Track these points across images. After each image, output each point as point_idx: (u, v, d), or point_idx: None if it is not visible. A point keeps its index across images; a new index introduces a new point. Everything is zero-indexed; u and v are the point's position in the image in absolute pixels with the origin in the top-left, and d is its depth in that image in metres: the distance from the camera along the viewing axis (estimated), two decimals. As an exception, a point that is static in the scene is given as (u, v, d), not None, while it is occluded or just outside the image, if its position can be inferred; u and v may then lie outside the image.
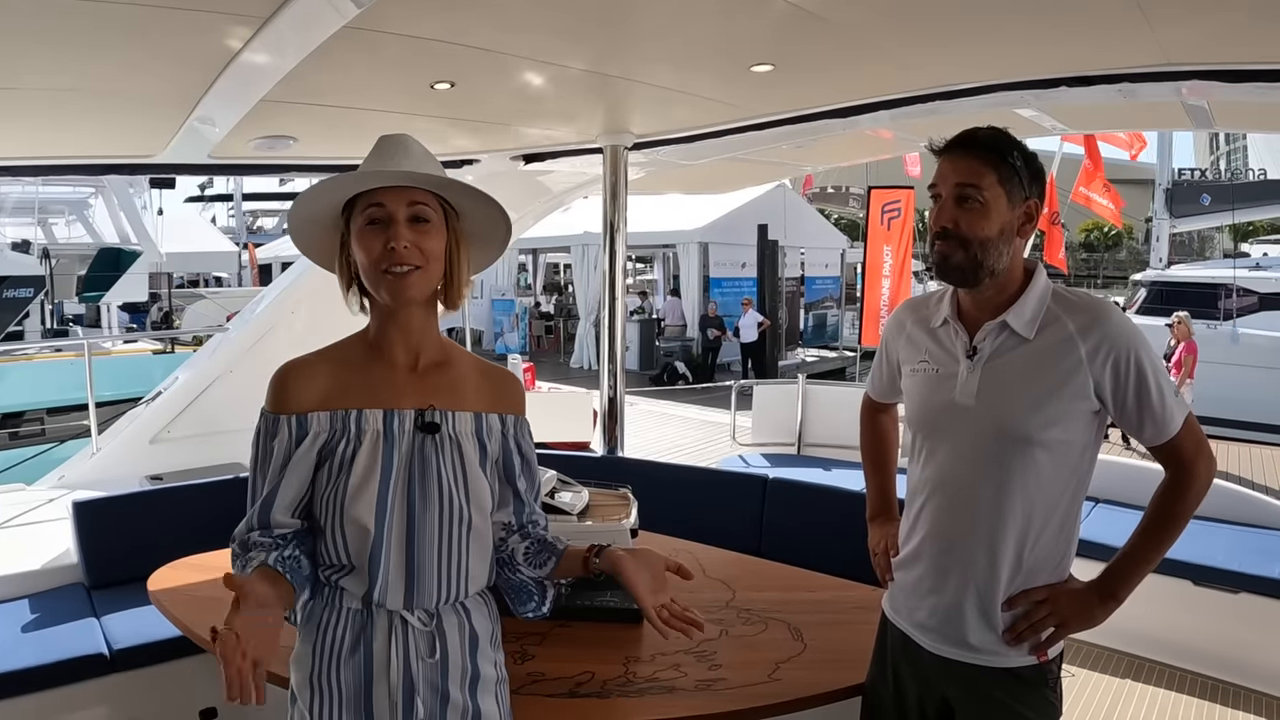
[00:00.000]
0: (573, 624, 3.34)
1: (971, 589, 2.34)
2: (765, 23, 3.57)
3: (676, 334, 26.23)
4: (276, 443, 2.01)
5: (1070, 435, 2.27)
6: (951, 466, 2.40)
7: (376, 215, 1.98)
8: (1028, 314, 2.30)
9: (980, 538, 2.32)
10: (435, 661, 2.04)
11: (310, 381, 2.03)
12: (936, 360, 2.46)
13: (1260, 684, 5.27)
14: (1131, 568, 2.35)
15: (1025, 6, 3.46)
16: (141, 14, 3.04)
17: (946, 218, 2.28)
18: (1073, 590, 2.35)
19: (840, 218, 45.86)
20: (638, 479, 4.22)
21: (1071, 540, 2.37)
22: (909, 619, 2.52)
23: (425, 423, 2.04)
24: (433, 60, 3.89)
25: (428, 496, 2.01)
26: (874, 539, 2.87)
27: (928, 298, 2.59)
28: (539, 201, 7.76)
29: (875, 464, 3.06)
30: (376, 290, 2.00)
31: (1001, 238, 2.26)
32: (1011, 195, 2.26)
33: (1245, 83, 4.11)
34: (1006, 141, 2.28)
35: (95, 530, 4.99)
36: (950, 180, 2.28)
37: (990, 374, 2.32)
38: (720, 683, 2.90)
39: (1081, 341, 2.23)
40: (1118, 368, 2.21)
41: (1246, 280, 20.05)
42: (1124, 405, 2.24)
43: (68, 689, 4.11)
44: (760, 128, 5.55)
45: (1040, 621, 2.30)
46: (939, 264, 2.33)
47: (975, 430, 2.33)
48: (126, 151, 5.44)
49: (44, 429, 14.54)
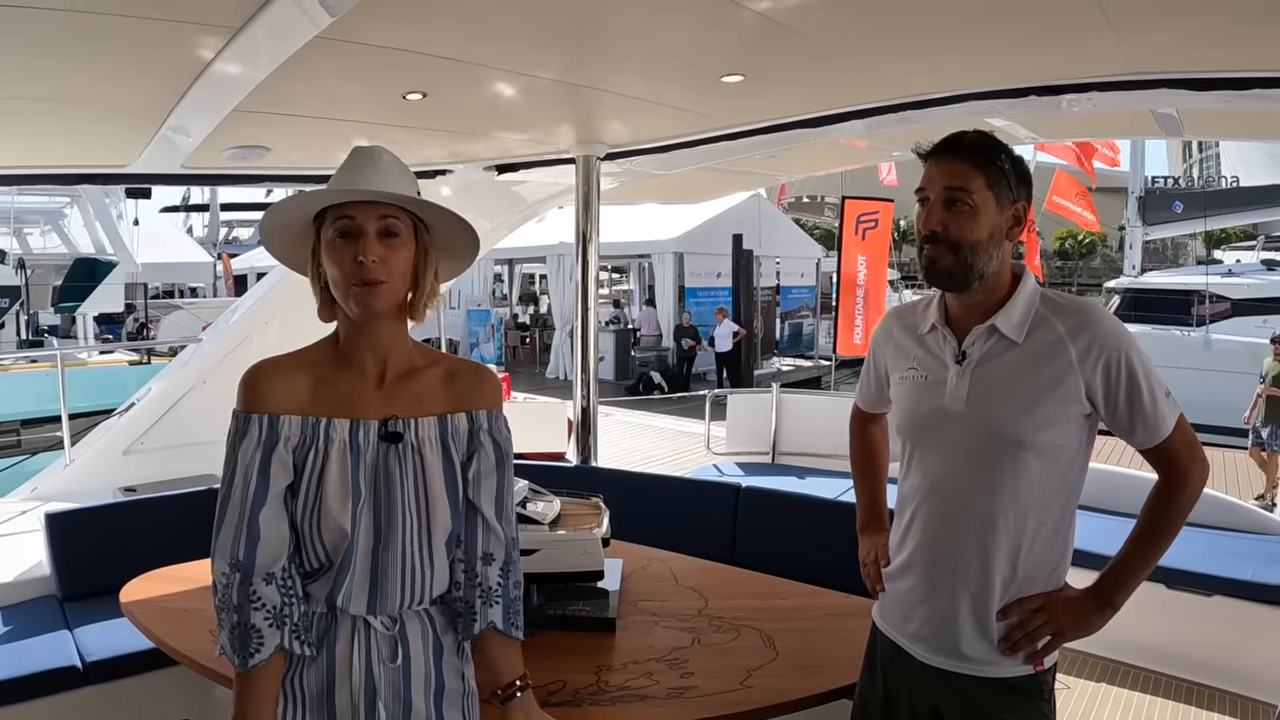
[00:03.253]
0: (545, 633, 3.34)
1: (964, 598, 2.32)
2: (734, 33, 3.58)
3: (652, 344, 26.23)
4: (247, 443, 1.98)
5: (1062, 439, 2.25)
6: (942, 473, 2.38)
7: (346, 228, 1.99)
8: (1016, 317, 2.29)
9: (972, 545, 2.30)
10: (397, 667, 2.04)
11: (281, 384, 2.02)
12: (925, 367, 2.44)
13: (1235, 686, 5.30)
14: (1127, 573, 2.33)
15: (994, 17, 3.48)
16: (113, 24, 3.04)
17: (936, 221, 2.27)
18: (1069, 597, 2.32)
19: (816, 227, 45.97)
20: (611, 488, 4.22)
21: (1066, 547, 2.35)
22: (900, 629, 2.49)
23: (388, 432, 2.04)
24: (405, 71, 3.89)
25: (393, 505, 2.02)
26: (864, 550, 2.81)
27: (914, 304, 2.57)
28: (513, 212, 7.75)
29: (865, 474, 3.00)
30: (345, 302, 2.01)
31: (991, 241, 2.25)
32: (1000, 198, 2.25)
33: (1212, 91, 4.15)
34: (994, 144, 2.28)
35: (68, 542, 4.96)
36: (939, 183, 2.27)
37: (980, 378, 2.31)
38: (692, 690, 2.91)
39: (1071, 344, 2.21)
40: (1109, 369, 2.20)
41: (1219, 286, 20.22)
42: (1115, 407, 2.23)
43: (40, 702, 4.08)
44: (732, 137, 5.57)
45: (1036, 630, 2.28)
46: (928, 268, 2.31)
47: (966, 436, 2.31)
48: (99, 161, 5.43)
49: (19, 440, 14.43)
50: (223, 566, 1.97)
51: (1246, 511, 6.45)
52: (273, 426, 1.99)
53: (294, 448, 2.00)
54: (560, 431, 9.14)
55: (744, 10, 3.27)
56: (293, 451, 2.00)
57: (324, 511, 1.98)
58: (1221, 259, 28.16)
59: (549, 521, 3.62)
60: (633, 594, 3.76)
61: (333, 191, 2.01)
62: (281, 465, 1.98)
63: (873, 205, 14.86)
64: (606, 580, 3.66)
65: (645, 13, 3.41)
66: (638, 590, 3.81)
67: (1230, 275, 21.33)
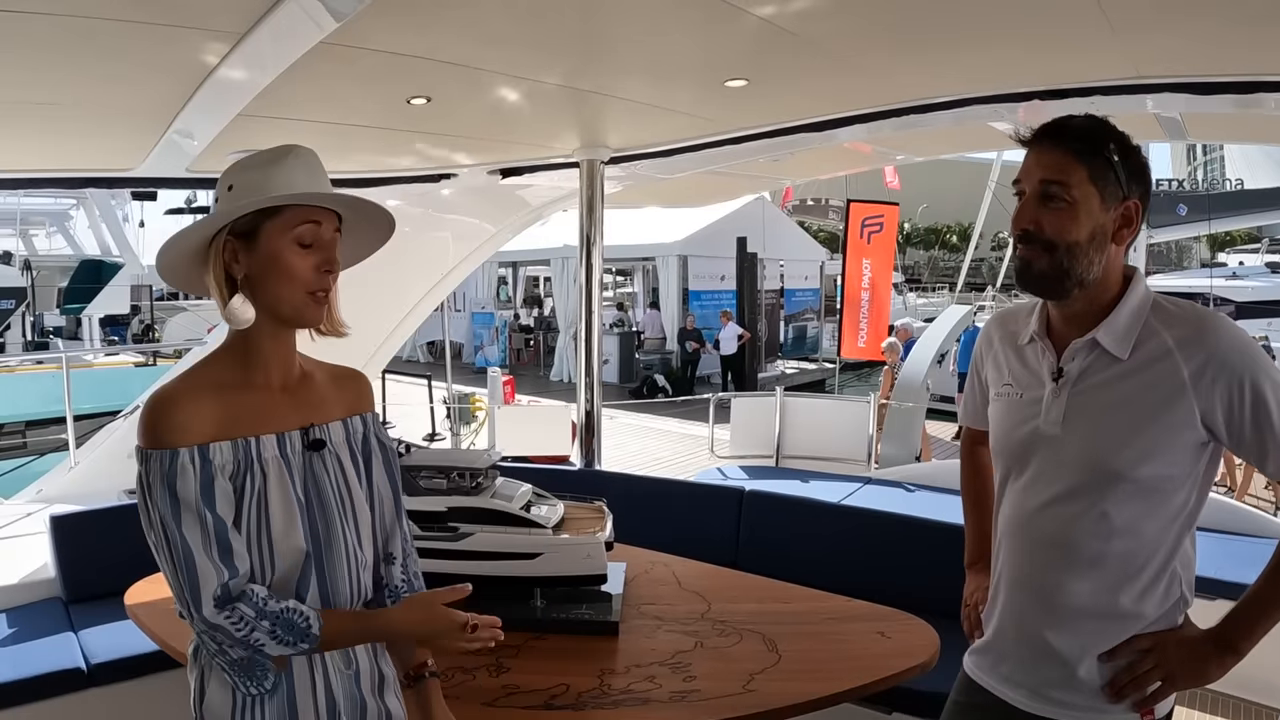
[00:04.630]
0: (548, 636, 3.37)
1: (1057, 638, 2.09)
2: (738, 38, 3.59)
3: (656, 347, 26.24)
4: (184, 482, 1.81)
5: (1171, 470, 1.98)
6: (1033, 503, 2.14)
7: (312, 237, 1.94)
8: (1121, 329, 2.03)
9: (1066, 583, 2.08)
10: (351, 672, 2.04)
11: (197, 410, 1.87)
12: (1021, 383, 2.21)
13: (1238, 690, 5.29)
14: (1259, 615, 2.02)
15: (997, 22, 3.49)
16: (119, 29, 3.05)
17: (1028, 218, 2.03)
18: (1184, 638, 2.05)
19: (820, 230, 45.97)
20: (615, 492, 4.24)
21: (1178, 585, 2.07)
22: (992, 673, 2.25)
23: (312, 440, 2.01)
24: (409, 75, 3.91)
25: (328, 513, 2.00)
26: (968, 590, 2.57)
27: (1018, 310, 2.33)
28: (517, 215, 7.77)
29: (975, 502, 2.69)
30: (295, 311, 1.95)
31: (1092, 243, 1.99)
32: (1106, 194, 1.98)
33: (1215, 95, 4.15)
34: (1103, 131, 2.01)
35: (73, 544, 4.98)
36: (1035, 176, 2.02)
37: (1078, 399, 2.06)
38: (695, 694, 2.91)
39: (1185, 361, 1.95)
40: (1230, 391, 1.92)
41: (1223, 289, 20.27)
42: (1241, 435, 1.94)
43: (44, 704, 4.10)
44: (736, 141, 5.58)
45: (1145, 675, 2.02)
46: (1020, 271, 2.08)
47: (1060, 463, 2.08)
48: (105, 165, 5.45)
49: (24, 442, 14.46)
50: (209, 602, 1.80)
51: (1250, 515, 6.45)
52: (205, 457, 1.84)
53: (231, 475, 1.87)
54: (564, 435, 9.18)
55: (747, 15, 3.28)
56: (230, 479, 1.87)
57: (273, 533, 1.90)
58: (1226, 262, 28.16)
59: (552, 525, 3.64)
60: (636, 598, 3.76)
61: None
62: (225, 498, 1.85)
63: (877, 209, 14.87)
64: (610, 584, 3.67)
65: (649, 18, 3.41)
66: (641, 594, 3.81)
67: (1234, 278, 21.36)
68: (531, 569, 3.54)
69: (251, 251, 1.93)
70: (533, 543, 3.55)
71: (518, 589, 3.56)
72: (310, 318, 1.96)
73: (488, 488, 3.71)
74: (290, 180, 1.93)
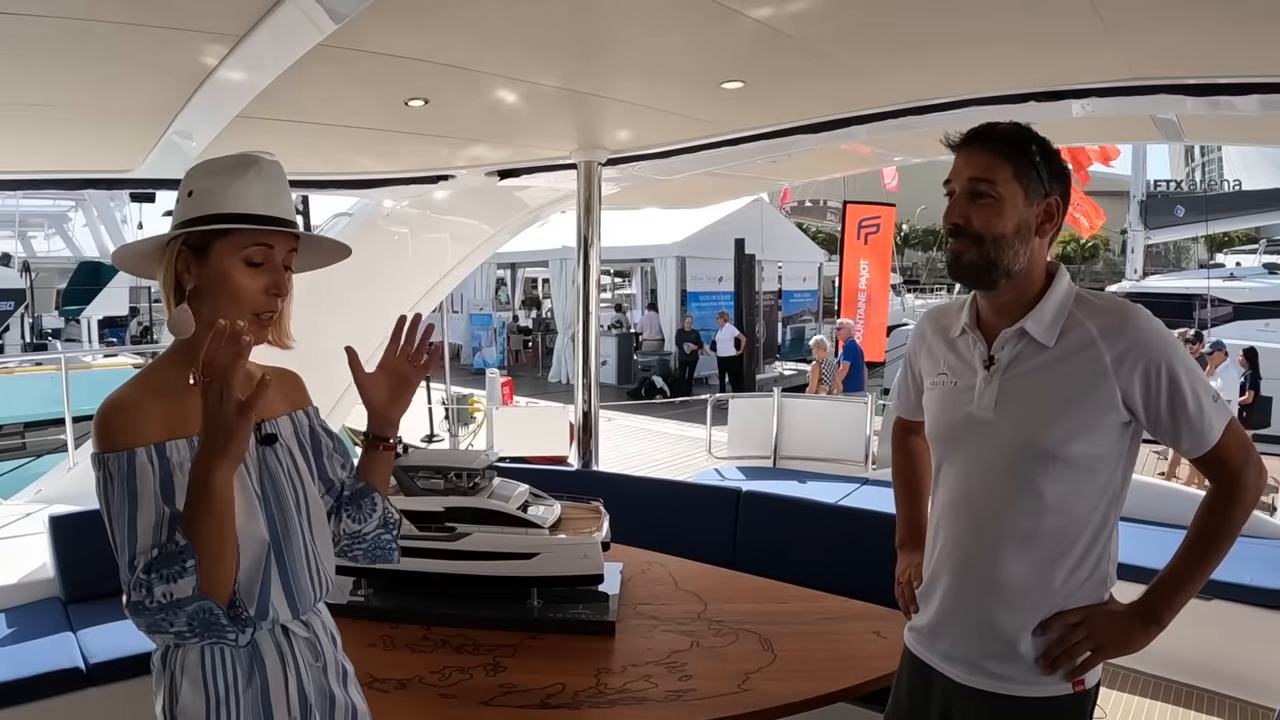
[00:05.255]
0: (544, 636, 3.38)
1: (994, 614, 2.21)
2: (734, 40, 3.60)
3: (654, 348, 26.26)
4: (142, 481, 1.81)
5: (1097, 449, 2.12)
6: (969, 485, 2.28)
7: (261, 258, 1.96)
8: (1047, 319, 2.18)
9: (1002, 561, 2.19)
10: (319, 665, 2.07)
11: (148, 414, 1.86)
12: (954, 372, 2.34)
13: (1234, 690, 5.32)
14: (1176, 588, 2.17)
15: (992, 23, 3.50)
16: (117, 31, 3.07)
17: (958, 214, 2.18)
18: (1111, 612, 2.19)
19: (819, 231, 45.95)
20: (612, 493, 4.25)
21: (1107, 561, 2.21)
22: (931, 649, 2.38)
23: (265, 435, 2.04)
24: (407, 77, 3.92)
25: (284, 505, 2.02)
26: (900, 568, 2.72)
27: (949, 306, 2.48)
28: (515, 216, 7.79)
29: (906, 488, 2.86)
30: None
31: (1018, 235, 2.14)
32: (1029, 190, 2.14)
33: (1211, 96, 4.16)
34: (1025, 135, 2.17)
35: (72, 544, 4.99)
36: (964, 175, 2.19)
37: (1009, 385, 2.20)
38: (690, 693, 2.93)
39: (1107, 348, 2.10)
40: (1148, 375, 2.07)
41: (1221, 290, 20.28)
42: (1157, 415, 2.10)
43: (43, 703, 4.11)
44: (733, 143, 5.59)
45: (1075, 646, 2.15)
46: (951, 263, 2.22)
47: (994, 445, 2.21)
48: (104, 166, 5.46)
49: (24, 443, 14.45)
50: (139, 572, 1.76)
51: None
52: (163, 455, 1.84)
53: (188, 471, 1.81)
54: (562, 436, 9.19)
55: (743, 18, 3.29)
56: (188, 475, 1.81)
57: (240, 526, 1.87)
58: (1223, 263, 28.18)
59: (549, 525, 3.65)
60: (632, 598, 3.78)
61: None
62: (184, 492, 1.81)
63: (875, 210, 14.92)
64: (606, 584, 3.69)
65: (645, 20, 3.43)
66: (637, 594, 3.83)
67: (1232, 279, 21.38)
68: (528, 569, 3.55)
69: (202, 265, 1.94)
70: (529, 543, 3.56)
71: (515, 589, 3.57)
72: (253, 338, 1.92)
73: (485, 488, 3.72)
74: (247, 198, 1.94)
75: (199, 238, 1.92)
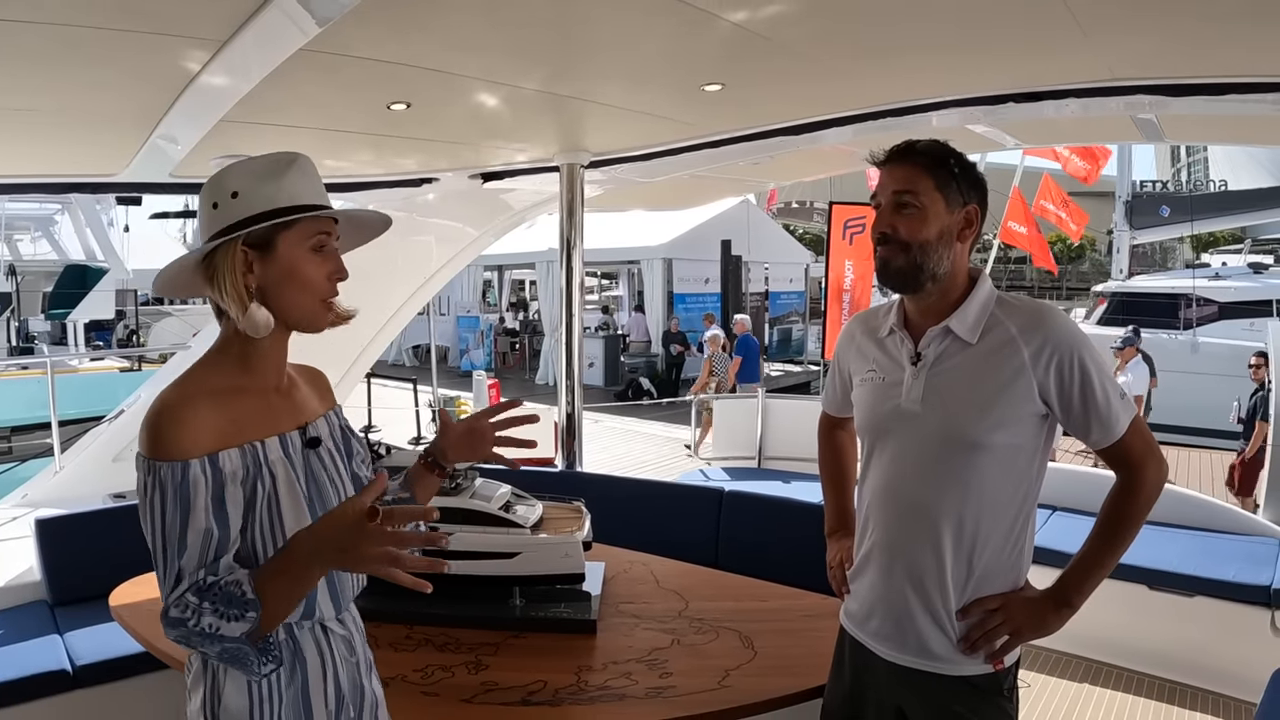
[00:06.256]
0: (526, 635, 3.41)
1: (921, 596, 2.35)
2: (712, 43, 3.62)
3: (641, 350, 26.27)
4: (195, 494, 1.79)
5: (1017, 439, 2.28)
6: (898, 473, 2.42)
7: (326, 242, 2.00)
8: (970, 319, 2.33)
9: (927, 544, 2.33)
10: (354, 660, 2.11)
11: (201, 419, 1.85)
12: (883, 369, 2.48)
13: (1216, 685, 5.38)
14: (1086, 574, 2.36)
15: (968, 25, 3.52)
16: (100, 36, 3.07)
17: (885, 223, 2.35)
18: (1027, 598, 2.35)
19: (805, 233, 45.99)
20: (595, 493, 4.28)
21: (1024, 547, 2.38)
22: (862, 628, 2.53)
23: (310, 439, 2.06)
24: (389, 81, 3.93)
25: (328, 506, 2.02)
26: (831, 553, 2.86)
27: (876, 310, 2.63)
28: (500, 219, 7.80)
29: (833, 480, 3.05)
30: (307, 317, 2.01)
31: (941, 241, 2.31)
32: (949, 200, 2.31)
33: (1188, 96, 4.20)
34: (943, 150, 2.34)
35: (58, 547, 5.01)
36: (889, 188, 2.35)
37: (934, 379, 2.35)
38: (670, 690, 2.96)
39: (1024, 344, 2.25)
40: (1061, 370, 2.23)
41: (1206, 290, 20.34)
42: (1069, 407, 2.25)
43: (30, 705, 4.13)
44: (715, 145, 5.61)
45: (993, 630, 2.31)
46: (880, 269, 2.38)
47: (921, 436, 2.35)
48: (89, 170, 5.45)
49: (10, 447, 14.44)
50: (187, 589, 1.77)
51: (1227, 512, 6.52)
52: (215, 466, 1.84)
53: (241, 481, 1.88)
54: (548, 437, 9.19)
55: (720, 21, 3.31)
56: (240, 485, 1.88)
57: (286, 534, 1.91)
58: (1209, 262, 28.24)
59: (531, 525, 3.68)
60: (614, 596, 3.81)
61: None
62: (235, 505, 1.86)
63: (860, 210, 14.87)
64: (588, 583, 3.72)
65: (624, 24, 3.45)
66: (619, 592, 3.86)
67: (1217, 279, 21.44)
68: (510, 568, 3.58)
69: (267, 261, 1.95)
70: (511, 542, 3.59)
71: (497, 588, 3.60)
72: (321, 324, 2.02)
73: (467, 488, 3.75)
74: (299, 191, 1.98)
75: (261, 235, 1.94)
